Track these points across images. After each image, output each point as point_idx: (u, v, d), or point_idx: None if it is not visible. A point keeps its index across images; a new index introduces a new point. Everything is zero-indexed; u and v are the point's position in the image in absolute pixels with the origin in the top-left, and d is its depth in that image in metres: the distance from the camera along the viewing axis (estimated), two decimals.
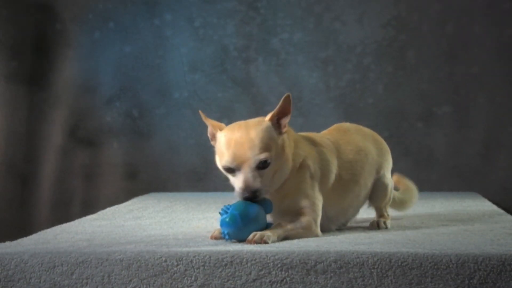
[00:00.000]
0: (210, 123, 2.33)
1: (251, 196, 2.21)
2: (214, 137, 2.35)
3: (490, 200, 3.69)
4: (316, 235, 2.31)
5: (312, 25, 4.43)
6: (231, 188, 2.29)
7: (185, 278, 1.96)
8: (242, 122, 2.33)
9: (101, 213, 3.19)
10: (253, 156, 2.22)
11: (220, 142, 2.29)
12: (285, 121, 2.30)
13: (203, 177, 4.43)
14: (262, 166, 2.23)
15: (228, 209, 2.21)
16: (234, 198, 2.26)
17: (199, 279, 1.95)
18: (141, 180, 4.49)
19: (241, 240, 2.19)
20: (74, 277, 1.98)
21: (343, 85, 4.41)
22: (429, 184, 4.26)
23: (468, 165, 4.34)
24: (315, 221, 2.34)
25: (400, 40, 4.38)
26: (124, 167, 4.50)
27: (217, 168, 2.33)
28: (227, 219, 2.19)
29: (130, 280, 1.96)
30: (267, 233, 2.18)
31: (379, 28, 4.39)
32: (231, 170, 2.25)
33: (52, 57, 4.50)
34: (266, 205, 2.27)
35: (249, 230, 2.18)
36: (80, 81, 4.51)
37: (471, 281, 1.90)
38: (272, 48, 4.44)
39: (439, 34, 4.36)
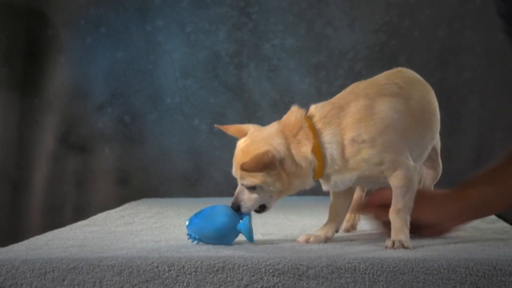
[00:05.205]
0: None
1: None
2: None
3: None
4: None
5: (304, 31, 4.43)
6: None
7: (177, 283, 1.95)
8: None
9: (92, 219, 3.17)
10: None
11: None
12: None
13: (195, 183, 4.41)
14: None
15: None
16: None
17: (190, 284, 1.95)
18: (132, 186, 4.48)
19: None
20: (65, 283, 1.97)
21: (335, 91, 4.36)
22: None
23: (459, 171, 4.32)
24: None
25: (391, 45, 4.39)
26: (116, 173, 4.49)
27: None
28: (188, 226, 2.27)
29: (122, 286, 1.96)
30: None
31: (371, 33, 4.40)
32: None
33: (43, 63, 4.49)
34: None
35: (212, 239, 2.23)
36: (72, 87, 4.51)
37: (462, 286, 1.90)
38: (264, 53, 4.45)
39: (430, 40, 4.37)
